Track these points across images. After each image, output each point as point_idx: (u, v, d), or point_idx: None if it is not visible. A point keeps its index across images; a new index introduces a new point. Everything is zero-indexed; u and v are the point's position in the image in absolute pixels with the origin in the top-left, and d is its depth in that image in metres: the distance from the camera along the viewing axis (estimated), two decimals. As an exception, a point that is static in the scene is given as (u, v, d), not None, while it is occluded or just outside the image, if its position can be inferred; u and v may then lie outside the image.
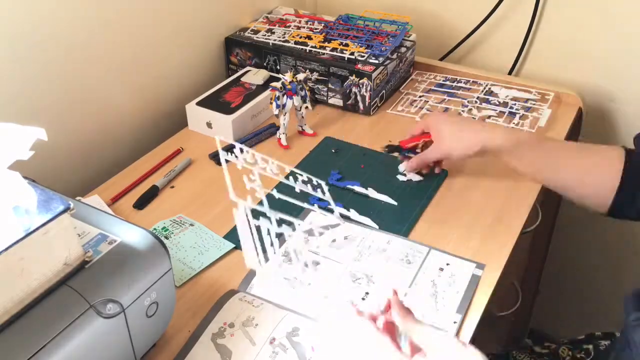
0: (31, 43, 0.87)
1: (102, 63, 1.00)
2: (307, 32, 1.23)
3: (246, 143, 1.06)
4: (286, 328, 0.72)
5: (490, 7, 1.27)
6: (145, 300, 0.61)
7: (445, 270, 0.80)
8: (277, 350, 0.69)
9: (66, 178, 0.99)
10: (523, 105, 1.15)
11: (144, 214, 0.92)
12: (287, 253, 0.84)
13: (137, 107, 1.10)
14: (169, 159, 1.03)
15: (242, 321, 0.73)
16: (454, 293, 0.77)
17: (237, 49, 1.23)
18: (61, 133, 0.96)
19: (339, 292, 0.78)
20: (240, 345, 0.70)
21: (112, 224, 0.64)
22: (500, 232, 0.87)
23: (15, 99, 0.88)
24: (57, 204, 0.55)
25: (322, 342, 0.70)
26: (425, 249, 0.84)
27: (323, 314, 0.74)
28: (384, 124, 1.13)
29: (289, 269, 0.81)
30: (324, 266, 0.82)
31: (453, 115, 1.03)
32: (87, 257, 0.59)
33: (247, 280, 0.80)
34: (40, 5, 0.87)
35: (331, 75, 1.14)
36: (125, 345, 0.61)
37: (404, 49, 1.20)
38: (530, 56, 1.30)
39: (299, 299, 0.77)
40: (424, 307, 0.75)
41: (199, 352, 0.70)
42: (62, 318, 0.54)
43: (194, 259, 0.83)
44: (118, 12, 0.99)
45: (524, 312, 1.49)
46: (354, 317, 0.62)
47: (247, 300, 0.76)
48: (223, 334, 0.72)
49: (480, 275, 0.79)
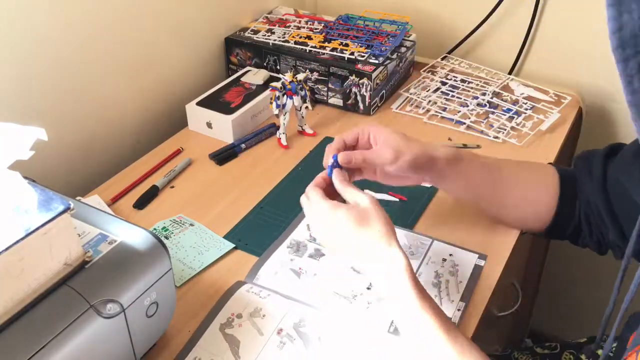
0: (31, 43, 0.87)
1: (103, 63, 1.00)
2: (307, 32, 1.23)
3: (246, 143, 1.06)
4: (293, 319, 0.73)
5: (490, 7, 1.27)
6: (145, 300, 0.61)
7: (448, 261, 0.81)
8: (285, 340, 0.71)
9: (66, 178, 0.99)
10: (532, 106, 1.14)
11: (144, 214, 0.92)
12: (293, 244, 0.85)
13: (137, 107, 1.10)
14: (169, 159, 1.03)
15: (249, 312, 0.74)
16: (457, 283, 0.78)
17: (237, 49, 1.23)
18: (61, 133, 0.97)
19: (343, 282, 0.79)
20: (248, 336, 0.71)
21: (112, 224, 0.64)
22: (500, 232, 0.87)
23: (15, 99, 0.88)
24: (57, 204, 0.55)
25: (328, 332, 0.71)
26: (428, 240, 0.85)
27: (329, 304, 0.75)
28: (384, 124, 1.13)
29: (295, 260, 0.82)
30: (329, 257, 0.83)
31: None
32: (87, 257, 0.59)
33: (254, 272, 0.81)
34: (41, 5, 0.87)
35: (331, 75, 1.14)
36: (125, 345, 0.61)
37: (404, 49, 1.20)
38: (530, 56, 1.30)
39: (305, 290, 0.78)
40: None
41: (208, 341, 0.71)
42: (62, 318, 0.54)
43: (194, 259, 0.83)
44: (118, 12, 0.99)
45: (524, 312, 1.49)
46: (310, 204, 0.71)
47: (254, 291, 0.77)
48: (231, 324, 0.73)
49: (483, 266, 0.81)
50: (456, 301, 0.76)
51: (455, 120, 1.12)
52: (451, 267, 0.81)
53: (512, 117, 1.12)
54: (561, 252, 1.48)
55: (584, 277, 1.51)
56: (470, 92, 1.20)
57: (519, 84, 1.21)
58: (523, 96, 1.18)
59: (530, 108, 1.14)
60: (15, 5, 0.83)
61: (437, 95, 1.19)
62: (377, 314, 0.74)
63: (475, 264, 0.81)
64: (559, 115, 1.12)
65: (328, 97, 1.17)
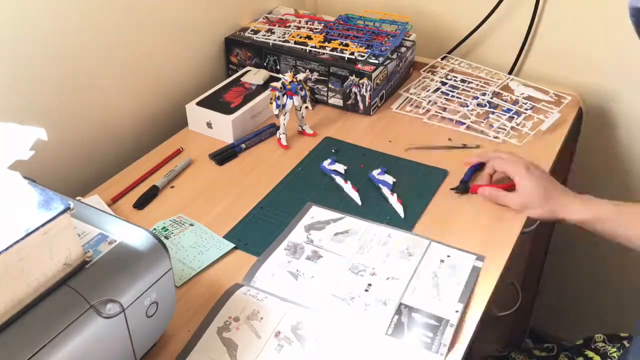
0: (32, 43, 0.87)
1: (103, 63, 1.00)
2: (307, 32, 1.23)
3: (246, 143, 1.06)
4: (290, 321, 0.73)
5: (490, 7, 1.27)
6: (145, 300, 0.61)
7: (445, 262, 0.81)
8: (283, 343, 0.71)
9: (66, 178, 0.99)
10: (532, 106, 1.14)
11: (144, 214, 0.92)
12: (290, 246, 0.84)
13: (137, 107, 1.10)
14: (169, 159, 1.03)
15: (247, 315, 0.74)
16: (455, 284, 0.78)
17: (237, 49, 1.23)
18: (61, 133, 0.97)
19: (341, 284, 0.78)
20: (246, 339, 0.71)
21: (112, 224, 0.64)
22: (500, 232, 0.87)
23: (16, 99, 0.88)
24: (57, 204, 0.55)
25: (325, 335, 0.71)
26: (426, 241, 0.85)
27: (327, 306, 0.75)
28: (384, 124, 1.13)
29: (293, 262, 0.82)
30: (326, 259, 0.82)
31: (532, 168, 0.92)
32: (87, 257, 0.59)
33: (251, 274, 0.80)
34: (41, 5, 0.87)
35: (331, 75, 1.14)
36: (125, 345, 0.61)
37: (404, 49, 1.20)
38: (530, 56, 1.30)
39: (302, 292, 0.77)
40: (426, 297, 0.76)
41: (205, 345, 0.71)
42: (62, 318, 0.54)
43: (194, 259, 0.83)
44: (118, 12, 0.99)
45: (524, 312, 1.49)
46: None
47: (251, 294, 0.77)
48: (228, 328, 0.73)
49: (481, 267, 0.80)
50: (454, 303, 0.75)
51: (455, 120, 1.12)
52: (449, 268, 0.80)
53: (512, 117, 1.12)
54: (561, 252, 1.48)
55: (584, 277, 1.51)
56: (470, 92, 1.20)
57: (519, 84, 1.21)
58: (523, 96, 1.18)
59: (530, 108, 1.14)
60: (15, 5, 0.84)
61: (437, 95, 1.19)
62: (375, 316, 0.74)
63: (473, 265, 0.81)
64: (559, 115, 1.12)
65: (328, 97, 1.17)
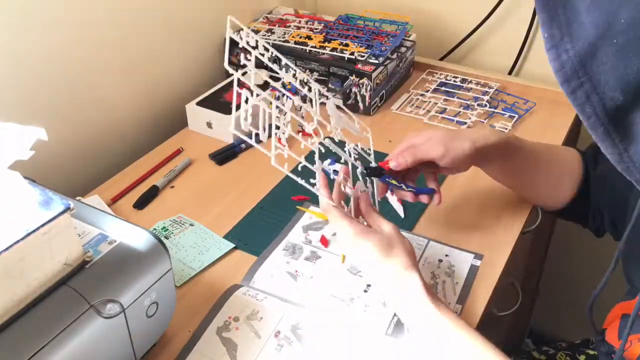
0: (32, 43, 0.87)
1: (102, 63, 1.00)
2: (307, 32, 1.23)
3: (246, 143, 1.06)
4: (290, 321, 0.73)
5: (490, 8, 1.27)
6: (145, 301, 0.61)
7: (444, 262, 0.81)
8: (282, 342, 0.71)
9: (66, 178, 0.99)
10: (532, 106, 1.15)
11: (144, 214, 0.92)
12: (289, 247, 0.84)
13: (137, 107, 1.10)
14: (169, 159, 1.03)
15: (246, 315, 0.74)
16: (453, 284, 0.78)
17: (237, 49, 1.23)
18: (61, 133, 0.97)
19: (340, 285, 0.78)
20: (246, 339, 0.71)
21: (112, 224, 0.64)
22: (500, 232, 0.87)
23: (16, 99, 0.88)
24: (57, 204, 0.55)
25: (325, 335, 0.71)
26: (424, 240, 0.85)
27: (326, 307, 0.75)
28: (384, 123, 1.13)
29: (291, 262, 0.82)
30: (325, 260, 0.82)
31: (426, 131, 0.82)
32: (87, 257, 0.59)
33: (250, 275, 0.80)
34: (41, 5, 0.87)
35: (331, 75, 1.14)
36: (125, 345, 0.61)
37: (404, 49, 1.20)
38: (530, 56, 1.30)
39: (301, 293, 0.77)
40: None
41: (205, 345, 0.71)
42: (62, 318, 0.54)
43: (194, 259, 0.83)
44: (118, 12, 0.99)
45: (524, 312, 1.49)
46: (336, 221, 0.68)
47: (250, 294, 0.77)
48: (228, 328, 0.73)
49: (479, 266, 0.80)
50: (453, 302, 0.75)
51: (455, 120, 1.12)
52: (447, 267, 0.80)
53: (512, 117, 1.12)
54: (561, 252, 1.48)
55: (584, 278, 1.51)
56: (471, 92, 1.20)
57: (519, 84, 1.21)
58: (523, 96, 1.18)
59: (530, 108, 1.14)
60: (16, 6, 0.84)
61: (437, 95, 1.19)
62: (374, 316, 0.74)
63: (472, 264, 0.81)
64: (559, 115, 1.12)
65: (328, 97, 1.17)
